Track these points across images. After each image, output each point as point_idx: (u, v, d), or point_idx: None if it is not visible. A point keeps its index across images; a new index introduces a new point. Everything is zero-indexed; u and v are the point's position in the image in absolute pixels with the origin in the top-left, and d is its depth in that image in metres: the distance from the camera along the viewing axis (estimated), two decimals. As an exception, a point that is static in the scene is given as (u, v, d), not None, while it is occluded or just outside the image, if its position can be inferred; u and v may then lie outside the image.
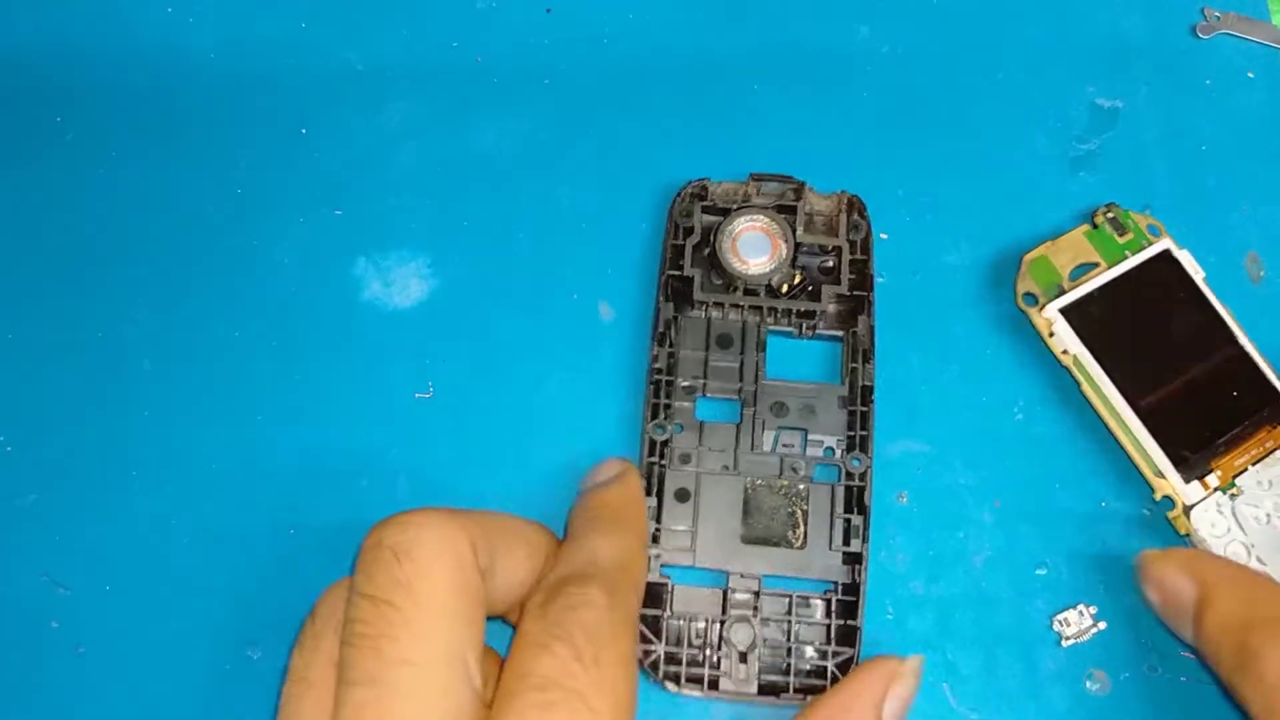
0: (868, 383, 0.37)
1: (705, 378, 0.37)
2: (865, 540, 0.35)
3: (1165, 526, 0.36)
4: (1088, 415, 0.38)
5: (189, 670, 0.35)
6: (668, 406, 0.36)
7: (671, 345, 0.37)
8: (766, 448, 0.36)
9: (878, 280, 0.40)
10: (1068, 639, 0.35)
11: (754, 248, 0.38)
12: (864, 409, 0.36)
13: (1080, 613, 0.35)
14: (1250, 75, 0.44)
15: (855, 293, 0.38)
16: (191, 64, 0.44)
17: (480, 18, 0.45)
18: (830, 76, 0.43)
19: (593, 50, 0.44)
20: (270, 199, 0.41)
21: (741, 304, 0.38)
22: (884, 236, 0.41)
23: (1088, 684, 0.35)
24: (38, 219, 0.41)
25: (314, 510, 0.37)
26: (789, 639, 0.34)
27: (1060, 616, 0.35)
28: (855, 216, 0.39)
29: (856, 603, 0.34)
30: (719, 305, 0.38)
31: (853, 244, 0.38)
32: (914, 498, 0.37)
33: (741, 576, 0.35)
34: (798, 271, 0.38)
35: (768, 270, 0.38)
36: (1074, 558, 0.36)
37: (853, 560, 0.35)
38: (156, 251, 0.41)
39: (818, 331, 0.38)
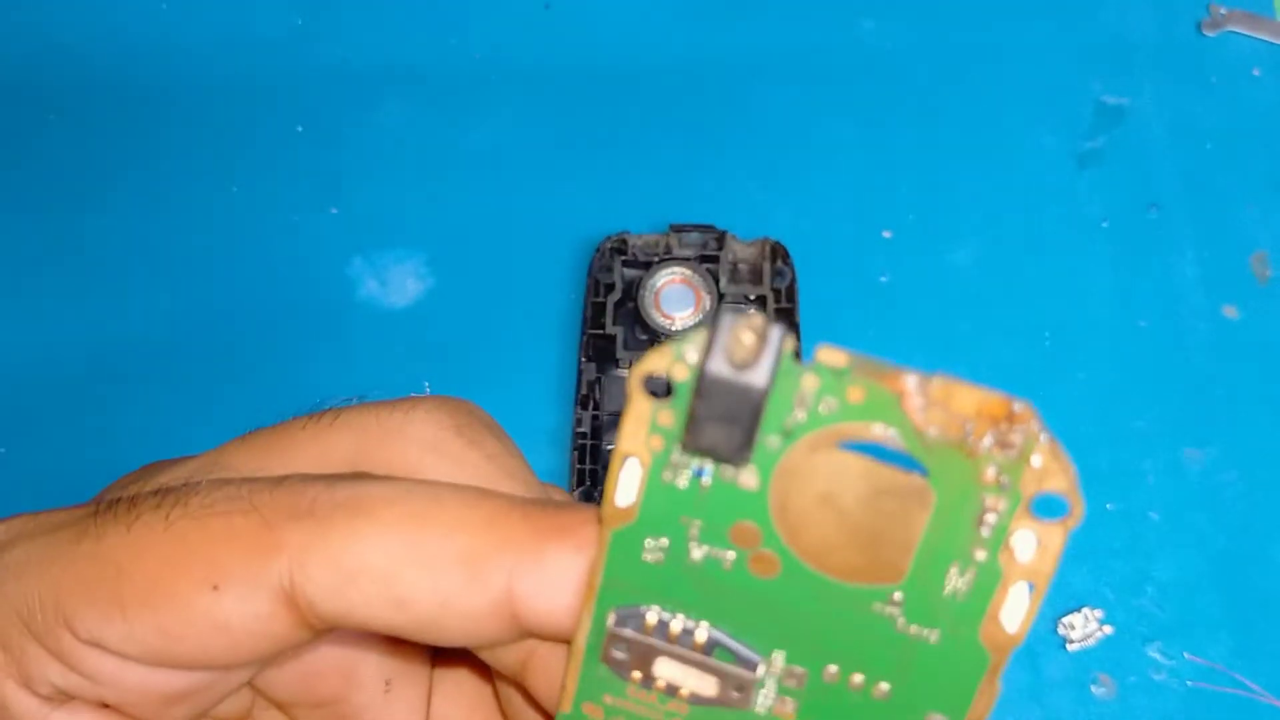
0: None
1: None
2: None
3: (1169, 528, 0.36)
4: (1091, 415, 0.37)
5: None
6: (593, 472, 0.34)
7: (596, 408, 0.35)
8: None
9: (880, 280, 0.39)
10: (1073, 643, 0.35)
11: (677, 301, 0.37)
12: None
13: (1085, 616, 0.35)
14: (1256, 73, 0.43)
15: None
16: (187, 62, 0.43)
17: (478, 15, 0.44)
18: (832, 72, 0.43)
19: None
20: (266, 197, 0.41)
21: None
22: (888, 235, 0.40)
23: (1093, 689, 0.34)
24: (31, 218, 0.41)
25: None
26: None
27: (1065, 620, 0.35)
28: (779, 263, 0.37)
29: None
30: None
31: (777, 292, 0.37)
32: (917, 500, 0.37)
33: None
34: None
35: (692, 324, 0.36)
36: (1078, 560, 0.36)
37: None
38: (151, 250, 0.40)
39: None
